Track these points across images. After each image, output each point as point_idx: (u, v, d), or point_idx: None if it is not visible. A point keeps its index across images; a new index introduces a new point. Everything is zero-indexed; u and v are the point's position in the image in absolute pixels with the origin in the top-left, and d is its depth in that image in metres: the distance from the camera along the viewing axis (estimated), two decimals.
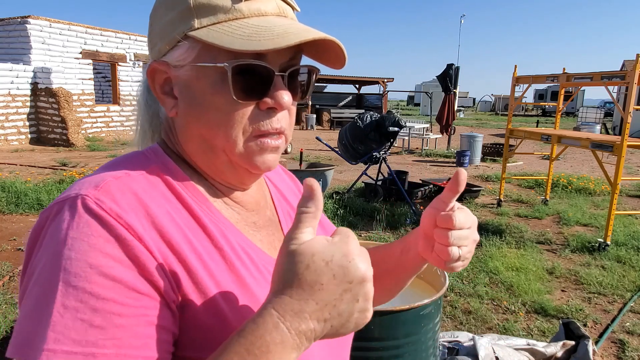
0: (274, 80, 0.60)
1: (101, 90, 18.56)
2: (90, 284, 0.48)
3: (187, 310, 0.54)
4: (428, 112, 22.39)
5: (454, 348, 2.69)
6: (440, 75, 12.90)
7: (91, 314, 0.47)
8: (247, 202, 0.70)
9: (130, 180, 0.57)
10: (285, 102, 0.60)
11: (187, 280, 0.54)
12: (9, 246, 4.70)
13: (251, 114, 0.60)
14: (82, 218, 0.51)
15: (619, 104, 6.29)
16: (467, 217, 0.68)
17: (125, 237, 0.51)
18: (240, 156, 0.61)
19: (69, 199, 0.53)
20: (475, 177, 9.43)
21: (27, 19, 12.43)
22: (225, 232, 0.62)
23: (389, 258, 0.82)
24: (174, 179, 0.62)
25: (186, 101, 0.61)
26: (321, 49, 0.64)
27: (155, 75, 0.63)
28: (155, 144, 0.67)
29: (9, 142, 12.19)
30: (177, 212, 0.59)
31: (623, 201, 7.51)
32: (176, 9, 0.60)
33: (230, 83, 0.57)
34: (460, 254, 0.66)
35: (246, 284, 0.59)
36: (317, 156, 11.72)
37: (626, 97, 4.73)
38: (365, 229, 5.63)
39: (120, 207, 0.52)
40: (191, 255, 0.56)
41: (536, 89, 41.57)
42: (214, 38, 0.57)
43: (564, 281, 4.27)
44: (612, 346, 3.16)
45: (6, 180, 6.93)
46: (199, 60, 0.59)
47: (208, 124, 0.60)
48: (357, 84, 26.30)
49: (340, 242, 0.48)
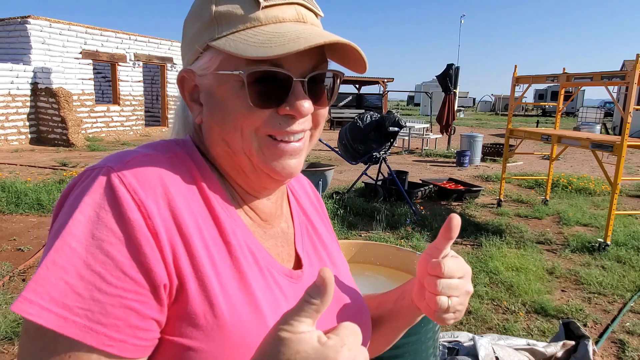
0: (293, 87, 0.60)
1: (101, 90, 18.56)
2: (86, 252, 0.50)
3: (182, 294, 0.55)
4: (428, 112, 22.39)
5: (454, 348, 2.69)
6: (440, 75, 12.90)
7: (77, 280, 0.49)
8: (262, 210, 0.70)
9: (157, 160, 0.60)
10: (305, 110, 0.60)
11: (187, 265, 0.55)
12: (9, 246, 4.70)
13: (268, 118, 0.61)
14: (102, 189, 0.54)
15: (619, 104, 6.29)
16: (459, 266, 0.66)
17: (133, 217, 0.53)
18: (258, 157, 0.62)
19: (97, 168, 0.56)
20: (475, 177, 9.43)
21: (27, 19, 12.43)
22: (236, 230, 0.63)
23: (385, 304, 0.81)
24: (198, 169, 0.64)
25: (209, 107, 0.63)
26: (342, 54, 0.64)
27: (184, 84, 0.66)
28: (188, 136, 0.70)
29: (9, 142, 12.19)
30: (194, 200, 0.60)
31: (623, 201, 7.51)
32: (201, 20, 0.62)
33: (247, 90, 0.59)
34: (449, 305, 0.65)
35: (247, 281, 0.60)
36: (317, 156, 11.72)
37: (626, 97, 4.73)
38: (365, 229, 5.63)
39: (140, 183, 0.55)
40: (198, 242, 0.57)
41: (536, 89, 41.58)
42: (230, 47, 0.58)
43: (564, 281, 4.27)
44: (612, 346, 3.16)
45: (6, 180, 6.93)
46: (220, 69, 0.61)
47: (227, 127, 0.62)
48: (357, 84, 26.29)
49: (331, 349, 0.43)
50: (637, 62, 4.44)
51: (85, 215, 0.52)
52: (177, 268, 0.55)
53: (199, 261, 0.56)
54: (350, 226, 5.66)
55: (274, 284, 0.63)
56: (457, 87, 13.81)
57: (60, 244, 0.51)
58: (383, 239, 5.22)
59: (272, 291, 0.62)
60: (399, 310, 0.78)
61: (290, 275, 0.67)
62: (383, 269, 2.16)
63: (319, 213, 0.85)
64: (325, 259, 0.78)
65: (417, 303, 0.71)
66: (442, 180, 7.99)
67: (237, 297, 0.58)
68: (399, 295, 0.79)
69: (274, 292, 0.63)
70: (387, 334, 0.82)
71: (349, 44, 0.59)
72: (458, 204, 7.05)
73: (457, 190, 7.32)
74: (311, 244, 0.77)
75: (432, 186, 7.46)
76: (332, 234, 0.86)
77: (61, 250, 0.50)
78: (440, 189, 7.43)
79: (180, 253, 0.55)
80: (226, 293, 0.57)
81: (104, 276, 0.50)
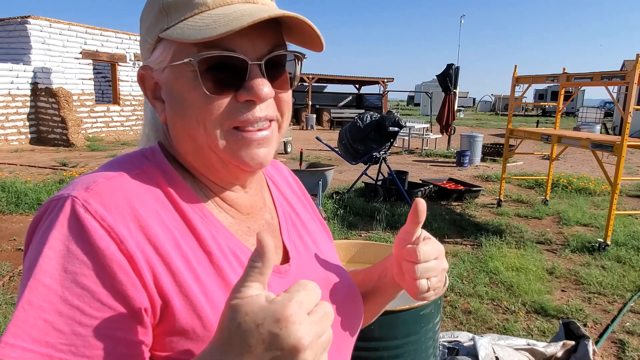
0: (249, 71, 0.58)
1: (101, 90, 18.56)
2: (61, 287, 0.50)
3: (168, 312, 0.54)
4: (428, 112, 22.40)
5: (454, 348, 2.69)
6: (440, 75, 12.90)
7: (56, 317, 0.49)
8: (242, 205, 0.68)
9: (123, 182, 0.58)
10: (264, 93, 0.58)
11: (170, 283, 0.55)
12: (9, 246, 4.70)
13: (228, 106, 0.59)
14: (68, 220, 0.52)
15: (619, 104, 6.29)
16: (433, 248, 0.68)
17: (103, 245, 0.51)
18: (225, 151, 0.60)
19: (62, 198, 0.55)
20: (475, 177, 9.43)
21: (27, 19, 12.43)
22: (217, 236, 0.62)
23: (368, 281, 0.82)
24: (168, 181, 0.62)
25: (170, 103, 0.62)
26: (300, 34, 0.62)
27: (145, 82, 0.64)
28: (156, 143, 0.68)
29: (9, 142, 12.19)
30: (168, 215, 0.59)
31: (623, 201, 7.51)
32: (152, 12, 0.61)
33: (200, 77, 0.57)
34: (429, 285, 0.67)
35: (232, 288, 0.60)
36: (317, 156, 11.72)
37: (626, 97, 4.73)
38: (365, 229, 5.63)
39: (107, 209, 0.54)
40: (177, 258, 0.56)
41: (536, 89, 41.57)
42: (177, 34, 0.57)
43: (564, 281, 4.27)
44: (612, 346, 3.16)
45: (6, 180, 6.93)
46: (174, 60, 0.59)
47: (189, 122, 0.60)
48: (357, 84, 26.31)
49: (279, 303, 0.43)
50: (637, 62, 4.44)
51: (54, 250, 0.51)
52: (158, 288, 0.54)
53: (180, 277, 0.55)
54: (350, 226, 5.67)
55: None
56: (457, 87, 13.82)
57: (34, 284, 0.49)
58: (383, 239, 5.22)
59: None
60: (382, 287, 0.80)
61: (278, 271, 0.67)
62: None
63: (300, 200, 0.85)
64: (310, 245, 0.77)
65: (399, 281, 0.73)
66: (442, 180, 7.99)
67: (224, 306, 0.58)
68: (381, 272, 0.80)
69: None
70: (371, 309, 0.83)
71: (297, 17, 0.57)
72: (458, 204, 7.05)
73: (457, 190, 7.32)
74: (296, 232, 0.76)
75: (432, 186, 7.46)
76: (315, 217, 0.85)
77: (35, 290, 0.49)
78: (440, 189, 7.43)
79: (160, 272, 0.54)
80: (213, 304, 0.56)
81: (83, 309, 0.49)
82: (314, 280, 0.71)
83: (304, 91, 23.80)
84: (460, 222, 5.98)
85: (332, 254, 0.82)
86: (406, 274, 0.68)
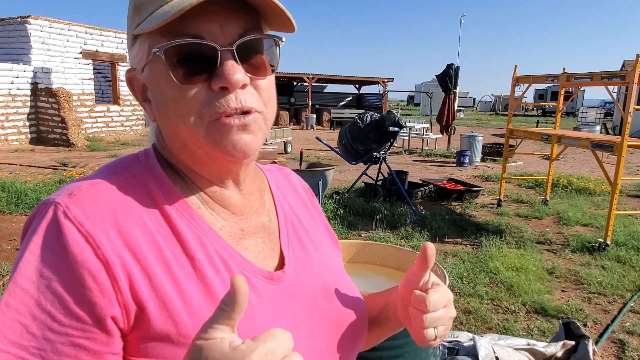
0: (220, 57, 0.56)
1: (101, 90, 18.56)
2: (37, 292, 0.51)
3: (143, 318, 0.54)
4: (428, 112, 22.40)
5: (454, 348, 2.69)
6: (440, 75, 12.90)
7: (30, 320, 0.50)
8: (235, 205, 0.67)
9: (107, 187, 0.58)
10: (237, 79, 0.56)
11: (146, 289, 0.55)
12: (9, 246, 4.70)
13: (204, 96, 0.57)
14: (47, 226, 0.54)
15: (619, 104, 6.29)
16: (442, 297, 0.65)
17: (76, 251, 0.52)
18: (208, 144, 0.59)
19: (47, 204, 0.56)
20: (475, 177, 9.43)
21: (27, 19, 12.43)
22: (203, 240, 0.61)
23: (371, 309, 0.80)
24: (158, 185, 0.62)
25: (154, 102, 0.61)
26: (273, 15, 0.61)
27: (134, 84, 0.64)
28: (150, 146, 0.68)
29: (9, 142, 12.19)
30: (152, 220, 0.59)
31: (623, 201, 7.51)
32: (130, 12, 0.62)
33: (169, 67, 0.56)
34: (436, 334, 0.65)
35: (214, 294, 0.58)
36: (317, 156, 11.72)
37: (626, 97, 4.73)
38: (365, 229, 5.63)
39: (86, 214, 0.54)
40: (156, 264, 0.56)
41: (536, 89, 41.58)
42: (142, 27, 0.57)
43: (564, 281, 4.27)
44: (612, 346, 3.16)
45: (6, 180, 6.93)
46: (149, 56, 0.59)
47: (170, 118, 0.59)
48: (357, 84, 26.31)
49: (240, 353, 0.41)
50: (637, 62, 4.44)
51: (34, 255, 0.52)
52: (133, 293, 0.54)
53: (157, 282, 0.55)
54: (350, 226, 5.67)
55: (249, 290, 0.60)
56: (457, 87, 13.82)
57: (13, 287, 0.51)
58: (383, 239, 5.22)
59: None
60: (383, 321, 0.78)
61: (270, 277, 0.65)
62: (383, 269, 2.16)
63: (307, 207, 0.82)
64: (312, 252, 0.75)
65: (403, 322, 0.71)
66: (442, 180, 8.00)
67: (203, 312, 0.56)
68: (384, 306, 0.78)
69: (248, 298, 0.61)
70: (369, 339, 0.81)
71: None
72: (458, 204, 7.05)
73: (457, 190, 7.32)
74: (297, 238, 0.74)
75: (432, 186, 7.46)
76: (322, 227, 0.83)
77: (14, 293, 0.51)
78: (440, 189, 7.43)
79: (137, 277, 0.54)
80: (191, 310, 0.56)
81: (54, 315, 0.50)
82: (311, 287, 0.70)
83: (304, 91, 23.82)
84: (460, 222, 5.98)
85: (337, 263, 0.80)
86: (413, 320, 0.66)
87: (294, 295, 0.67)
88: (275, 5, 0.58)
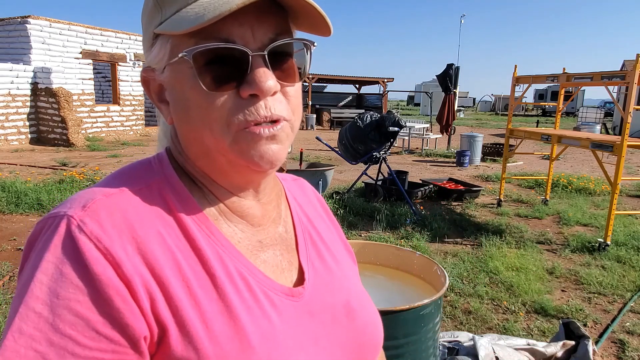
0: (251, 63, 0.53)
1: (101, 90, 18.56)
2: (53, 315, 0.46)
3: (164, 342, 0.51)
4: (428, 112, 22.39)
5: (454, 348, 2.69)
6: (440, 75, 12.90)
7: (47, 347, 0.46)
8: (253, 215, 0.63)
9: (123, 199, 0.54)
10: (268, 86, 0.53)
11: (166, 310, 0.51)
12: (9, 246, 4.70)
13: (232, 104, 0.54)
14: (61, 242, 0.49)
15: (619, 104, 6.29)
16: None
17: (99, 269, 0.48)
18: (233, 152, 0.55)
19: (57, 217, 0.52)
20: (475, 177, 9.43)
21: (27, 19, 12.42)
22: (223, 256, 0.57)
23: None
24: (174, 196, 0.58)
25: (174, 104, 0.58)
26: (304, 18, 0.57)
27: (149, 85, 0.61)
28: (164, 151, 0.64)
29: (9, 142, 12.19)
30: (171, 234, 0.55)
31: (623, 201, 7.51)
32: (148, 9, 0.58)
33: (197, 73, 0.53)
34: None
35: (235, 314, 0.55)
36: (317, 156, 11.72)
37: (626, 97, 4.73)
38: (365, 229, 5.63)
39: (103, 229, 0.50)
40: (176, 283, 0.52)
41: (536, 89, 41.58)
42: (169, 27, 0.53)
43: (564, 281, 4.26)
44: (612, 346, 3.16)
45: (6, 180, 6.92)
46: (172, 57, 0.55)
47: (194, 124, 0.56)
48: (357, 84, 26.31)
49: None
50: (637, 62, 4.43)
51: (47, 274, 0.48)
52: (155, 315, 0.50)
53: (178, 304, 0.52)
54: (350, 226, 5.66)
55: (270, 308, 0.58)
56: (457, 87, 13.81)
57: (25, 310, 0.46)
58: (383, 239, 5.22)
59: (266, 317, 0.57)
60: None
61: (291, 294, 0.62)
62: (383, 269, 2.16)
63: (324, 220, 0.79)
64: (333, 266, 0.71)
65: None
66: (442, 180, 7.99)
67: (224, 335, 0.53)
68: None
69: (269, 317, 0.58)
70: None
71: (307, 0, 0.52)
72: (458, 204, 7.05)
73: (457, 190, 7.32)
74: (316, 251, 0.71)
75: (432, 186, 7.46)
76: (339, 240, 0.80)
77: (26, 317, 0.46)
78: (440, 189, 7.43)
79: (158, 298, 0.51)
80: (212, 334, 0.52)
81: (76, 338, 0.46)
82: (331, 304, 0.67)
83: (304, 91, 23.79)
84: (460, 222, 5.98)
85: (357, 278, 0.77)
86: None
87: (314, 313, 0.63)
88: (312, 8, 0.54)
